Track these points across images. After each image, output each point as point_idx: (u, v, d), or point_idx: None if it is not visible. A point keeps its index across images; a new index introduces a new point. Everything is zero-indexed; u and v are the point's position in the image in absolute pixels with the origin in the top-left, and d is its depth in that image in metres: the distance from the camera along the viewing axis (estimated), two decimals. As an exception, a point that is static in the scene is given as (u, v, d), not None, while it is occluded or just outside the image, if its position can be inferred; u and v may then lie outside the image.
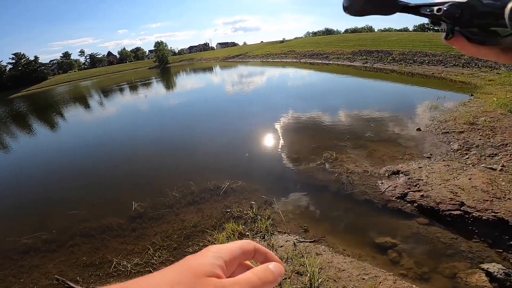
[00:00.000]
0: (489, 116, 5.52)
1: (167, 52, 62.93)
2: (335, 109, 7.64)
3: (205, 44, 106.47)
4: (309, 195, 3.68)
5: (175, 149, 6.23)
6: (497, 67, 11.70)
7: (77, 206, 4.13)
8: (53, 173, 5.89)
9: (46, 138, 9.70)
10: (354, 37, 29.75)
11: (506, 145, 4.27)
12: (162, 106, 12.31)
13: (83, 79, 51.17)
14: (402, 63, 15.38)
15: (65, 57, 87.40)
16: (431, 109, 6.66)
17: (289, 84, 14.19)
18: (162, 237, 3.16)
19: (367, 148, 4.77)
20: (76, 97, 23.12)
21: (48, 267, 3.02)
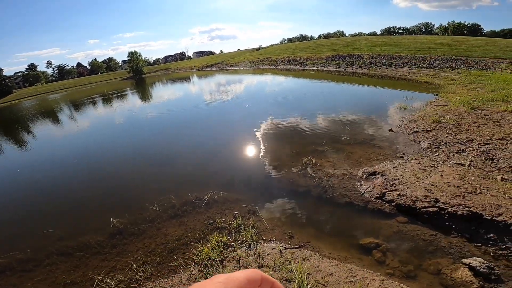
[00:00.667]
0: (454, 114, 5.89)
1: (142, 62, 61.65)
2: (312, 114, 7.83)
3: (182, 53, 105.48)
4: (291, 201, 3.73)
5: (153, 162, 6.08)
6: (457, 67, 12.56)
7: (50, 224, 3.92)
8: (23, 191, 5.54)
9: (15, 155, 9.11)
10: (328, 43, 30.79)
11: (472, 141, 4.57)
12: (138, 119, 12.00)
13: (51, 92, 48.80)
14: (372, 66, 16.09)
15: (31, 69, 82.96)
16: (401, 110, 7.01)
17: (267, 91, 14.36)
18: (145, 252, 3.07)
19: (345, 151, 4.92)
20: (45, 111, 21.98)
21: (27, 286, 2.86)
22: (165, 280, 2.64)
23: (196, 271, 2.67)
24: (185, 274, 2.66)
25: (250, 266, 2.62)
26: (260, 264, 2.63)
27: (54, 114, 18.96)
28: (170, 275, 2.70)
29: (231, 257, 2.78)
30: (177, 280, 2.61)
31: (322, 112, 7.96)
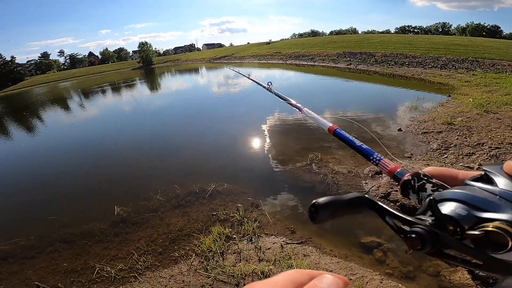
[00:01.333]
0: (466, 116, 5.76)
1: (152, 53, 61.95)
2: (320, 110, 7.75)
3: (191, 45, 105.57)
4: (295, 196, 3.71)
5: (159, 151, 6.12)
6: (472, 69, 12.24)
7: (56, 211, 3.98)
8: (30, 177, 5.65)
9: (23, 141, 9.30)
10: (339, 39, 30.36)
11: (482, 144, 4.46)
12: (146, 108, 12.09)
13: (62, 80, 49.49)
14: (384, 64, 15.81)
15: (44, 57, 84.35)
16: (411, 109, 6.88)
17: (275, 85, 14.21)
18: (146, 241, 3.09)
19: (351, 148, 4.85)
20: (55, 98, 22.33)
21: (28, 273, 2.89)
22: (165, 270, 2.66)
23: (197, 262, 2.69)
24: (186, 265, 2.68)
25: (250, 260, 2.62)
26: (261, 258, 2.63)
27: (63, 101, 19.26)
28: (171, 265, 2.72)
29: (232, 250, 2.78)
30: (177, 271, 2.62)
31: (330, 108, 7.88)
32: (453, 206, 0.28)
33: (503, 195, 0.26)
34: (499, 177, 0.28)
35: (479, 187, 0.28)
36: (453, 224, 0.26)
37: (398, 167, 0.44)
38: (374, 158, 0.52)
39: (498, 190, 0.26)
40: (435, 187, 0.35)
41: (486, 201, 0.26)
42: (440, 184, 0.35)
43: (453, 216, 0.27)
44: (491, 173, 0.28)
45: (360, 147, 0.57)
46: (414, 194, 0.37)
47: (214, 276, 2.46)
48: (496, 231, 0.23)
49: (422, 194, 0.36)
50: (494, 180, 0.28)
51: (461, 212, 0.27)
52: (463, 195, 0.28)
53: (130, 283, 2.57)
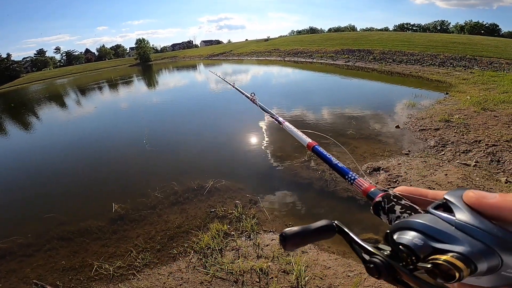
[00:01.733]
0: (463, 114, 5.78)
1: (149, 49, 61.58)
2: (318, 107, 7.75)
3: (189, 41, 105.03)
4: (293, 193, 3.72)
5: (158, 148, 6.10)
6: (470, 66, 12.27)
7: (53, 209, 3.96)
8: (26, 175, 5.62)
9: (20, 138, 9.24)
10: (337, 36, 30.27)
11: (479, 141, 4.49)
12: (143, 105, 12.02)
13: (58, 77, 49.08)
14: (382, 62, 15.81)
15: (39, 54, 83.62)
16: (409, 107, 6.89)
17: (273, 82, 14.24)
18: (145, 238, 3.09)
19: (349, 145, 4.87)
20: (51, 95, 22.15)
21: (26, 271, 2.89)
22: (163, 267, 2.66)
23: (195, 259, 2.69)
24: (184, 262, 2.68)
25: (249, 257, 2.63)
26: (259, 254, 2.64)
27: (59, 98, 19.12)
28: (169, 262, 2.72)
29: (230, 247, 2.79)
30: (176, 268, 2.63)
31: (328, 105, 7.88)
32: (411, 235, 0.28)
33: (459, 226, 0.26)
34: (457, 207, 0.28)
35: (438, 216, 0.28)
36: (409, 254, 0.27)
37: (372, 187, 0.45)
38: (349, 177, 0.52)
39: (455, 221, 0.27)
40: (404, 209, 0.36)
41: (441, 232, 0.27)
42: (408, 206, 0.36)
43: (410, 245, 0.27)
44: (451, 202, 0.28)
45: (336, 165, 0.57)
46: (384, 215, 0.38)
47: (213, 273, 2.46)
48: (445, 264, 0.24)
49: (391, 216, 0.37)
50: (453, 209, 0.28)
51: (418, 242, 0.27)
52: (421, 225, 0.28)
53: (128, 280, 2.57)
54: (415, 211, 0.35)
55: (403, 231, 0.29)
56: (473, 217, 0.26)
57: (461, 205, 0.27)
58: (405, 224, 0.30)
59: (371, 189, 0.45)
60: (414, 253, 0.27)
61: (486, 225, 0.25)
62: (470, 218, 0.26)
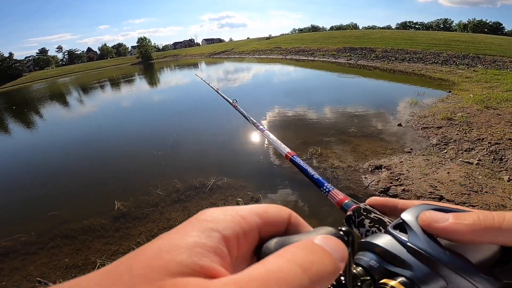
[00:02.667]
0: (466, 112, 5.75)
1: (151, 48, 61.65)
2: (320, 105, 7.74)
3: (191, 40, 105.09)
4: (295, 191, 3.72)
5: (159, 146, 6.11)
6: (473, 65, 12.20)
7: (56, 207, 3.98)
8: (30, 173, 5.65)
9: (23, 137, 9.29)
10: (339, 34, 30.17)
11: (482, 139, 4.46)
12: (145, 103, 12.05)
13: (61, 75, 49.26)
14: (384, 60, 15.75)
15: (42, 53, 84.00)
16: (411, 105, 6.87)
17: (275, 80, 14.22)
18: (147, 236, 3.10)
19: (351, 143, 4.86)
20: (54, 94, 22.25)
21: (29, 269, 2.90)
22: (165, 264, 2.67)
23: (197, 255, 2.70)
24: (186, 258, 2.69)
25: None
26: (261, 252, 2.64)
27: (62, 97, 19.19)
28: (171, 259, 2.73)
29: (232, 244, 2.79)
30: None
31: (330, 103, 7.86)
32: (369, 257, 0.28)
33: (410, 250, 0.26)
34: (410, 229, 0.27)
35: (395, 238, 0.28)
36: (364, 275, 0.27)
37: (346, 198, 0.46)
38: (324, 188, 0.53)
39: (407, 244, 0.26)
40: (372, 222, 0.36)
41: (394, 255, 0.26)
42: (377, 219, 0.36)
43: (366, 267, 0.27)
44: (406, 223, 0.28)
45: (312, 176, 0.58)
46: (356, 229, 0.38)
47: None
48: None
49: (361, 230, 0.37)
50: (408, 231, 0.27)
51: (374, 264, 0.27)
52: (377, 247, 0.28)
53: (131, 277, 2.58)
54: (383, 224, 0.35)
55: (364, 252, 0.29)
56: (424, 241, 0.25)
57: (415, 227, 0.27)
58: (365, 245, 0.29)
59: (345, 201, 0.46)
60: (370, 275, 0.27)
61: (434, 249, 0.25)
62: (421, 242, 0.25)
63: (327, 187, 0.52)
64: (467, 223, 0.23)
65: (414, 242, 0.26)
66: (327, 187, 0.52)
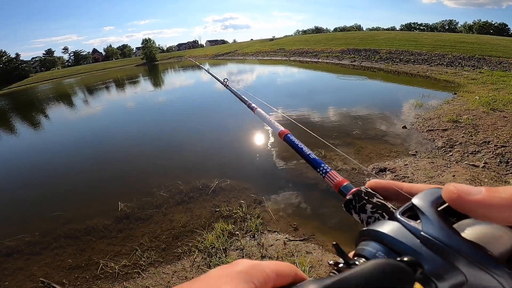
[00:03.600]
0: (472, 114, 5.69)
1: (155, 49, 62.01)
2: (324, 107, 7.71)
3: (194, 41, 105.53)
4: (298, 193, 3.70)
5: (163, 147, 6.13)
6: (479, 66, 12.08)
7: (60, 207, 4.01)
8: (35, 173, 5.70)
9: (28, 137, 9.38)
10: (343, 36, 30.08)
11: (488, 142, 4.41)
12: (149, 104, 12.11)
13: (66, 76, 49.76)
14: (389, 61, 15.65)
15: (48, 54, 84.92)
16: (416, 107, 6.81)
17: (279, 81, 14.21)
18: (150, 237, 3.11)
19: (355, 145, 4.83)
20: (59, 95, 22.47)
21: (33, 269, 2.92)
22: (168, 266, 2.68)
23: (200, 258, 2.69)
24: (189, 261, 2.69)
25: (253, 257, 2.62)
26: (264, 255, 2.63)
27: (67, 98, 19.36)
28: (174, 261, 2.73)
29: (235, 246, 2.79)
30: (180, 267, 2.63)
31: (333, 105, 7.83)
32: (374, 247, 0.25)
33: (423, 240, 0.23)
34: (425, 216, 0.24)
35: (405, 225, 0.25)
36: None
37: (344, 181, 0.42)
38: (321, 169, 0.48)
39: (420, 233, 0.23)
40: (375, 208, 0.33)
41: (405, 246, 0.23)
42: (380, 204, 0.33)
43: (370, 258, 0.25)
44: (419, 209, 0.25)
45: (308, 156, 0.53)
46: (356, 215, 0.35)
47: (217, 272, 2.46)
48: None
49: (362, 216, 0.34)
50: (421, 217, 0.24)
51: (380, 255, 0.24)
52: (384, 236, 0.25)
53: (133, 279, 2.59)
54: (386, 210, 0.32)
55: (367, 241, 0.26)
56: (440, 229, 0.23)
57: (429, 213, 0.24)
58: (369, 234, 0.26)
59: (344, 184, 0.41)
60: None
61: (452, 239, 0.22)
62: (436, 230, 0.23)
63: (324, 168, 0.47)
64: (505, 197, 0.21)
65: (428, 230, 0.23)
66: (324, 168, 0.47)
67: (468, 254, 0.21)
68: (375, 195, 0.34)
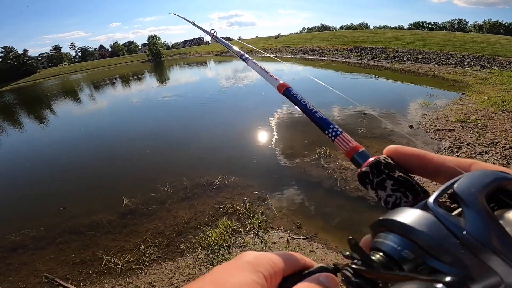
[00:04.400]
0: (480, 115, 5.59)
1: (161, 46, 62.18)
2: (329, 105, 7.65)
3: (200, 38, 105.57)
4: (302, 191, 3.68)
5: (168, 144, 6.15)
6: (489, 66, 11.87)
7: (66, 202, 4.04)
8: (41, 168, 5.77)
9: (34, 132, 9.49)
10: (350, 34, 29.81)
11: (496, 143, 4.33)
12: (155, 100, 12.16)
13: (73, 72, 50.19)
14: (396, 60, 15.47)
15: (55, 50, 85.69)
16: (423, 106, 6.72)
17: (284, 79, 14.09)
18: (153, 233, 3.12)
19: (361, 144, 4.76)
20: (66, 90, 22.68)
21: (37, 264, 2.94)
22: (171, 262, 2.68)
23: (203, 255, 2.70)
24: (191, 257, 2.69)
25: (256, 254, 2.61)
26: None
27: (74, 93, 19.53)
28: (177, 257, 2.73)
29: (238, 244, 2.78)
30: (183, 263, 2.64)
31: (339, 103, 7.75)
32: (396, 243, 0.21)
33: (466, 242, 0.18)
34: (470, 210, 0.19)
35: (442, 221, 0.19)
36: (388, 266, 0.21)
37: (360, 147, 0.34)
38: (330, 131, 0.39)
39: (462, 233, 0.19)
40: (397, 185, 0.27)
41: (442, 248, 0.19)
42: (403, 181, 0.27)
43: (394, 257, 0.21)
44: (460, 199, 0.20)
45: (314, 114, 0.45)
46: (372, 191, 0.30)
47: (220, 269, 2.46)
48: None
49: (380, 193, 0.28)
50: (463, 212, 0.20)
51: (406, 255, 0.20)
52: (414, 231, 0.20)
53: (136, 275, 2.60)
54: (411, 189, 0.27)
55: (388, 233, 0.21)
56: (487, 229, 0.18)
57: (478, 209, 0.19)
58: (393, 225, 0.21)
59: (359, 150, 0.34)
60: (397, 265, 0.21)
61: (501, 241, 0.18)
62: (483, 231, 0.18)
63: (334, 128, 0.39)
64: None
65: (473, 231, 0.18)
66: (334, 129, 0.39)
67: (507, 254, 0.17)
68: (397, 167, 0.29)
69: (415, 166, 0.28)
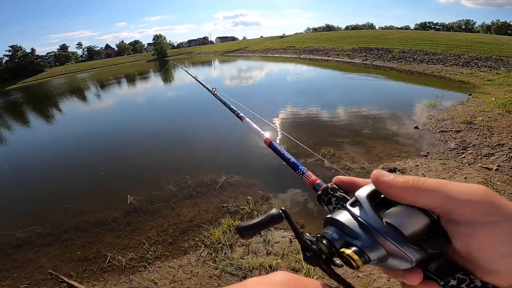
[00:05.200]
0: (487, 116, 5.53)
1: (166, 45, 62.50)
2: (334, 106, 7.62)
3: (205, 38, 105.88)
4: (306, 191, 3.67)
5: (172, 142, 6.19)
6: (496, 67, 11.72)
7: (72, 199, 4.09)
8: (47, 165, 5.84)
9: (41, 130, 9.61)
10: (355, 34, 29.65)
11: (503, 145, 4.28)
12: (160, 99, 12.22)
13: (80, 71, 50.67)
14: (401, 61, 15.34)
15: (62, 49, 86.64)
16: (429, 107, 6.66)
17: (288, 79, 14.13)
18: (157, 231, 3.14)
19: (365, 145, 4.76)
20: (73, 89, 22.92)
21: (42, 261, 2.97)
22: (174, 260, 2.70)
23: (206, 253, 2.71)
24: (195, 255, 2.71)
25: (259, 253, 2.62)
26: (269, 251, 2.63)
27: (81, 92, 19.73)
28: (180, 255, 2.75)
29: (240, 242, 2.79)
30: (186, 261, 2.65)
31: (344, 104, 7.73)
32: (332, 230, 0.33)
33: (360, 224, 0.31)
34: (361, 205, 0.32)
35: (350, 214, 0.33)
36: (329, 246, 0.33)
37: (317, 179, 0.50)
38: (299, 170, 0.57)
39: (358, 219, 0.32)
40: (338, 200, 0.40)
41: (350, 229, 0.32)
42: (341, 197, 0.40)
43: (329, 239, 0.33)
44: (358, 200, 0.33)
45: (289, 160, 0.63)
46: (325, 206, 0.42)
47: (222, 267, 2.47)
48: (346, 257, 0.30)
49: (329, 207, 0.41)
50: (359, 206, 0.33)
51: (335, 236, 0.33)
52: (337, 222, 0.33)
53: (139, 272, 2.61)
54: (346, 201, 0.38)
55: (329, 227, 0.34)
56: (370, 216, 0.31)
57: (364, 204, 0.32)
58: (329, 221, 0.35)
59: (316, 182, 0.50)
60: (333, 245, 0.32)
61: (377, 223, 0.30)
62: (368, 217, 0.31)
63: (301, 169, 0.57)
64: (401, 181, 0.29)
65: (363, 217, 0.31)
66: (301, 170, 0.57)
67: (386, 233, 0.29)
68: (338, 189, 0.42)
69: (349, 188, 0.41)
